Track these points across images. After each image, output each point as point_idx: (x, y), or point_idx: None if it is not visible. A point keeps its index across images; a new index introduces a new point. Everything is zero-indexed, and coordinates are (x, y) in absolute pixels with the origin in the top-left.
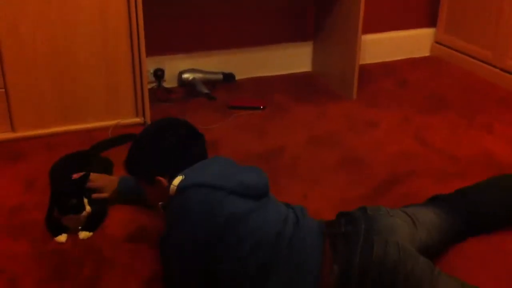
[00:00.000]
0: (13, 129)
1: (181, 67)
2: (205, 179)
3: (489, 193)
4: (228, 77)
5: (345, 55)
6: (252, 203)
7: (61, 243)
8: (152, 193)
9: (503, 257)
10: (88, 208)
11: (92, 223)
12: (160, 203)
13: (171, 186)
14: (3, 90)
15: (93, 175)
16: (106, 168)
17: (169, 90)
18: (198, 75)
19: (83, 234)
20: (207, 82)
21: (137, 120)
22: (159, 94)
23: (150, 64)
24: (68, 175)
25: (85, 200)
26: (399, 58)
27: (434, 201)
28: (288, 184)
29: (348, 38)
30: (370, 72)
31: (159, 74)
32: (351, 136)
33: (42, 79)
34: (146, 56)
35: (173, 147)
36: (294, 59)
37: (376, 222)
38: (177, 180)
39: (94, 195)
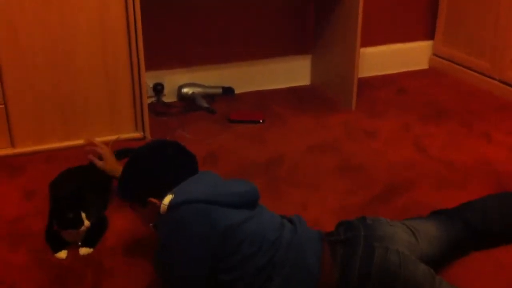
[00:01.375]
0: (12, 145)
1: (181, 81)
2: (195, 195)
3: (492, 209)
4: (228, 91)
5: (344, 68)
6: (246, 212)
7: (62, 259)
8: (145, 214)
9: (504, 270)
10: (86, 222)
11: (92, 238)
12: (151, 224)
13: (162, 205)
14: (3, 106)
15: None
16: (106, 182)
17: (168, 105)
18: (198, 89)
19: (84, 250)
20: (207, 96)
21: (137, 134)
22: (159, 109)
23: (150, 79)
24: (67, 190)
25: (83, 215)
26: (397, 70)
27: (435, 214)
28: (287, 193)
29: (347, 50)
30: (368, 84)
31: (158, 89)
32: (350, 145)
33: (41, 95)
34: (146, 71)
35: (164, 169)
36: (293, 72)
37: (376, 230)
38: (167, 199)
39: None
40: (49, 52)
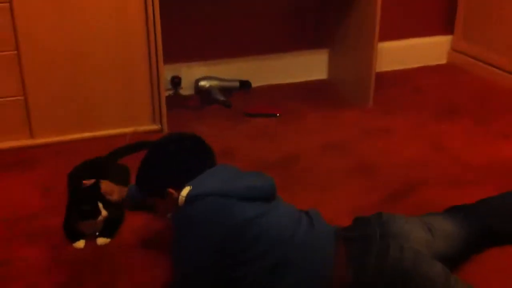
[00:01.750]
0: (31, 136)
1: (198, 74)
2: (212, 188)
3: (510, 206)
4: (244, 85)
5: (361, 63)
6: (262, 206)
7: (80, 249)
8: (163, 206)
9: None
10: (104, 212)
11: (109, 229)
12: (169, 214)
13: (180, 197)
14: (23, 97)
15: (103, 183)
16: (123, 175)
17: (185, 98)
18: (215, 83)
19: (101, 240)
20: (224, 90)
21: (154, 127)
22: (176, 102)
23: (167, 72)
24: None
25: (100, 205)
26: (415, 65)
27: (452, 210)
28: (302, 191)
29: (364, 45)
30: (385, 80)
31: (176, 82)
32: (366, 143)
33: (60, 87)
34: (163, 64)
35: (183, 161)
36: (310, 66)
37: (391, 227)
38: (185, 191)
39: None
40: (68, 45)
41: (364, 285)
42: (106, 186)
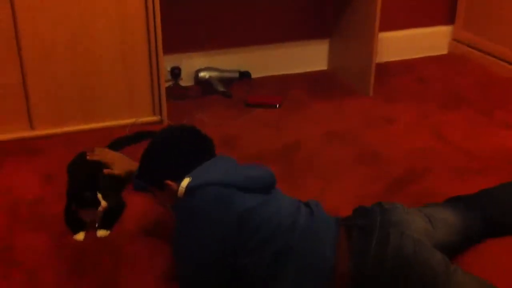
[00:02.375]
0: (31, 127)
1: (198, 65)
2: (212, 178)
3: (510, 197)
4: (244, 75)
5: (362, 52)
6: (262, 196)
7: (79, 241)
8: (163, 197)
9: None
10: (103, 202)
11: (108, 220)
12: (169, 205)
13: (180, 188)
14: (22, 89)
15: (102, 149)
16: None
17: (185, 88)
18: (215, 73)
19: (101, 233)
20: (223, 80)
21: (154, 118)
22: (176, 92)
23: (167, 63)
24: (84, 171)
25: (99, 195)
26: (416, 56)
27: (452, 200)
28: (304, 180)
29: (365, 35)
30: (387, 70)
31: (176, 72)
32: (368, 132)
33: (60, 77)
34: (163, 55)
35: (181, 153)
36: (311, 56)
37: (392, 216)
38: (185, 182)
39: (106, 171)
40: (68, 36)
41: (366, 273)
42: (105, 154)
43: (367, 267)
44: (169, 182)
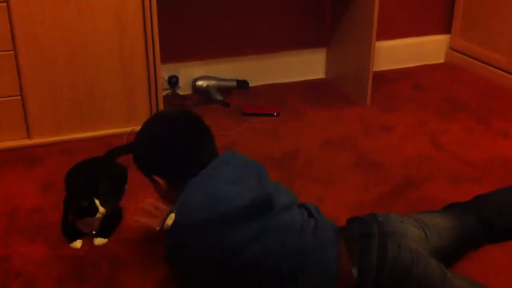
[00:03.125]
0: (29, 136)
1: (195, 74)
2: (198, 213)
3: (507, 202)
4: (242, 84)
5: (359, 61)
6: (259, 222)
7: (77, 249)
8: (156, 188)
9: None
10: (101, 209)
11: (106, 228)
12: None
13: (165, 225)
14: (20, 97)
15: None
16: (120, 173)
17: (183, 97)
18: (212, 82)
19: (98, 241)
20: (221, 89)
21: None
22: (174, 101)
23: (165, 71)
24: (81, 180)
25: (97, 202)
26: (413, 64)
27: (449, 207)
28: (303, 187)
29: (363, 44)
30: (384, 78)
31: (173, 81)
32: (366, 140)
33: (58, 86)
34: (161, 63)
35: (167, 150)
36: (308, 65)
37: (388, 227)
38: (170, 220)
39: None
40: (65, 45)
41: (368, 282)
42: (150, 203)
43: (370, 280)
44: (156, 177)
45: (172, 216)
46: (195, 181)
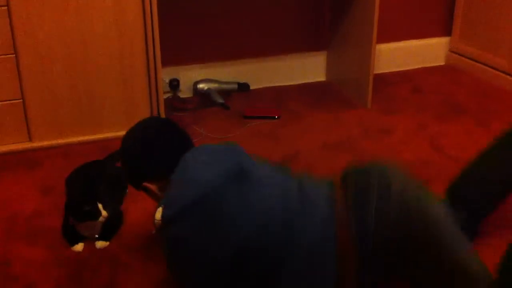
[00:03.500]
0: (30, 139)
1: (196, 77)
2: (186, 198)
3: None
4: (243, 87)
5: (359, 64)
6: (238, 192)
7: (78, 252)
8: (151, 197)
9: None
10: (104, 212)
11: (108, 231)
12: (156, 224)
13: (155, 221)
14: (21, 100)
15: None
16: (121, 177)
17: (184, 100)
18: (213, 85)
19: (100, 244)
20: (222, 92)
21: None
22: (175, 104)
23: (166, 74)
24: (82, 183)
25: (100, 205)
26: (414, 67)
27: None
28: None
29: (363, 46)
30: (384, 81)
31: (174, 84)
32: (366, 143)
33: (58, 90)
34: (162, 67)
35: (152, 150)
36: (309, 68)
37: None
38: (158, 214)
39: None
40: (66, 48)
41: (368, 243)
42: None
43: (369, 224)
44: (147, 185)
45: (160, 209)
46: (175, 173)
